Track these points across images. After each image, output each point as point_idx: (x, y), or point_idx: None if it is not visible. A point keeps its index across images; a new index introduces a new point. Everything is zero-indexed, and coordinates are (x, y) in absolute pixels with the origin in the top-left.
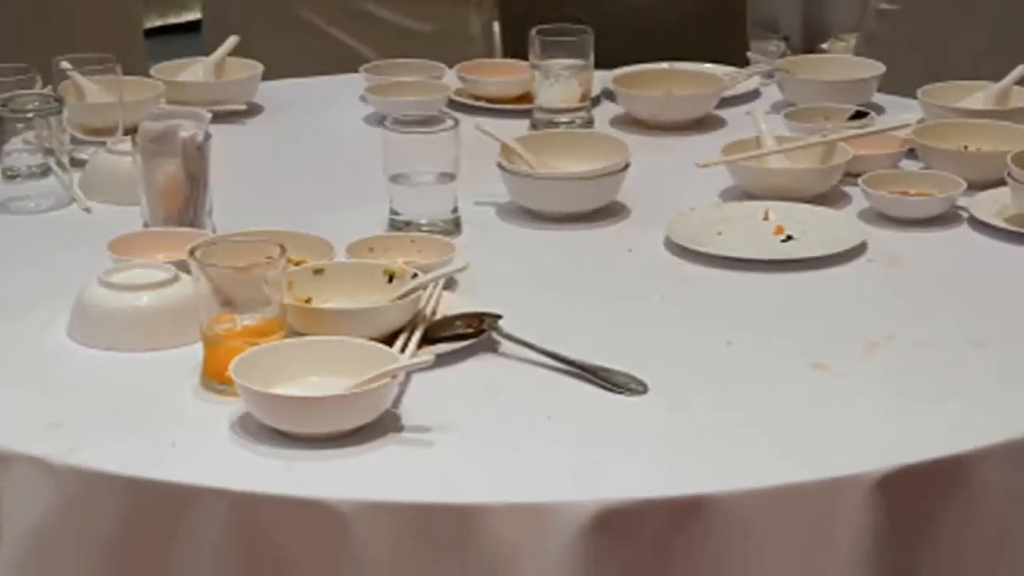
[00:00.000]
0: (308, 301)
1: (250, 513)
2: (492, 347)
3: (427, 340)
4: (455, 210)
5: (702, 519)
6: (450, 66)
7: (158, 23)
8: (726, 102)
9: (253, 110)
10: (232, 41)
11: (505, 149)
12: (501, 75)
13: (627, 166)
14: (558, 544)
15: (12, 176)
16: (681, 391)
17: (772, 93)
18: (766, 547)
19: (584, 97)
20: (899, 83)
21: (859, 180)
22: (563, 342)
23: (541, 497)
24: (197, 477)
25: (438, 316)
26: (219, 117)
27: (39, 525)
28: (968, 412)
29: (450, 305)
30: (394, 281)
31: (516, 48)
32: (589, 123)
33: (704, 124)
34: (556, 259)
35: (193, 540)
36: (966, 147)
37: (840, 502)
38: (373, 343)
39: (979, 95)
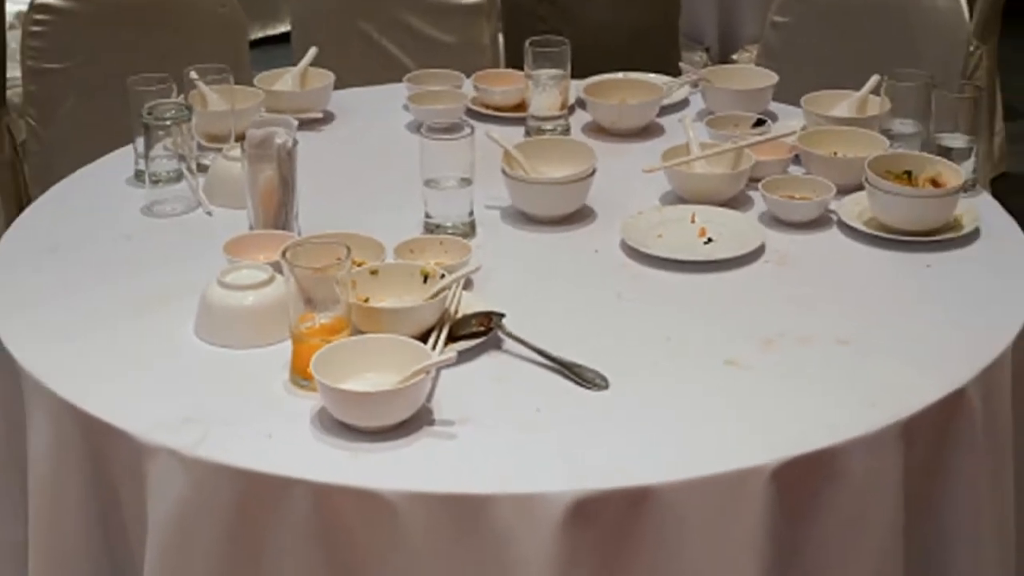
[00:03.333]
0: (367, 300)
1: (327, 500)
2: (498, 343)
3: (449, 336)
4: (471, 213)
5: (648, 506)
6: (467, 75)
7: (259, 35)
8: (663, 110)
9: (326, 117)
10: (312, 53)
11: (507, 156)
12: (504, 84)
13: (594, 172)
14: (545, 527)
15: (155, 181)
16: (632, 386)
17: (697, 100)
18: (693, 528)
19: (563, 105)
20: (792, 90)
21: (759, 185)
22: (550, 336)
23: (532, 487)
24: (288, 468)
25: (459, 314)
26: (303, 124)
27: (176, 512)
28: (831, 406)
29: (467, 303)
30: (428, 281)
31: (513, 59)
32: (567, 130)
33: (649, 131)
34: (545, 260)
35: (289, 522)
36: (835, 153)
37: (745, 489)
38: (416, 342)
39: (844, 104)
